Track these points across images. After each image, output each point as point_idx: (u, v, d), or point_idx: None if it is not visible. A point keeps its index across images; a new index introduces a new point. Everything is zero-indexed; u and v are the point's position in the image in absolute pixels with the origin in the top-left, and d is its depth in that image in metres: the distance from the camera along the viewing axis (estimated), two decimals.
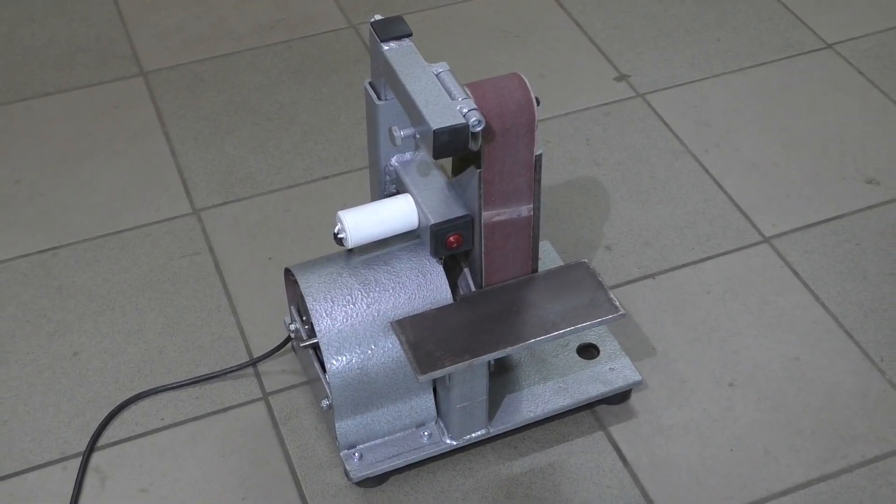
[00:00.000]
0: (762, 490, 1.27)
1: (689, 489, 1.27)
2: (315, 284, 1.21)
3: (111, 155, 1.71)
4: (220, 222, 1.59)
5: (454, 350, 1.15)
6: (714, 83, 1.81)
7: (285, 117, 1.76)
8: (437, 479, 1.28)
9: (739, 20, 1.93)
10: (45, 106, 1.80)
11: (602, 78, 1.83)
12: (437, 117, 1.05)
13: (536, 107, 1.12)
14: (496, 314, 1.19)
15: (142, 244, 1.56)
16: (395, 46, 1.14)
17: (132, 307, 1.48)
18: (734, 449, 1.31)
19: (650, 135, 1.72)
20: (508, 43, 1.90)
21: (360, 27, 1.94)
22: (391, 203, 1.19)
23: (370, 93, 1.19)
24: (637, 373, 1.32)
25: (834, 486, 1.27)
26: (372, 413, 1.23)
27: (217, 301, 1.48)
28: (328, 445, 1.31)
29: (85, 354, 1.42)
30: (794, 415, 1.34)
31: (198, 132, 1.74)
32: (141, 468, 1.30)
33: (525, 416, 1.29)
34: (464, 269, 1.23)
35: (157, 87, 1.83)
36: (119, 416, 1.35)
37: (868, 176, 1.64)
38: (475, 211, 1.15)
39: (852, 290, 1.48)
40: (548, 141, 1.70)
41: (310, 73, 1.84)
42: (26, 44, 1.92)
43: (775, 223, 1.57)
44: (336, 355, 1.19)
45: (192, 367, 1.40)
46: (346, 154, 1.69)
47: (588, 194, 1.62)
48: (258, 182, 1.65)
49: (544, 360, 1.33)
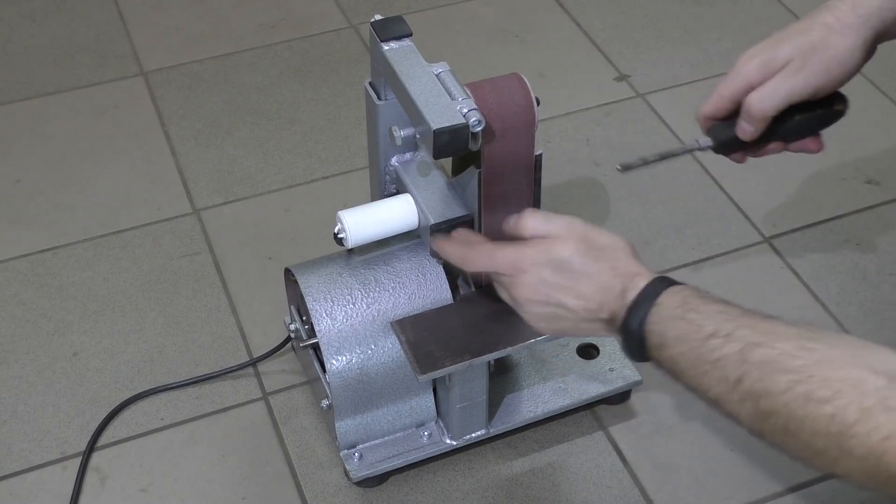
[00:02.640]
0: (762, 490, 1.27)
1: (689, 489, 1.27)
2: (315, 284, 1.21)
3: (111, 155, 1.71)
4: (220, 222, 1.59)
5: (454, 350, 1.15)
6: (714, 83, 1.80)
7: (285, 117, 1.76)
8: (437, 479, 1.28)
9: (739, 20, 1.93)
10: (45, 106, 1.80)
11: (602, 78, 1.83)
12: (437, 117, 1.04)
13: (536, 107, 1.12)
14: (496, 314, 1.19)
15: (142, 244, 1.56)
16: (395, 46, 1.14)
17: (132, 307, 1.48)
18: (734, 449, 1.31)
19: (650, 135, 1.72)
20: (508, 43, 1.90)
21: (360, 27, 1.94)
22: (391, 203, 1.19)
23: (370, 93, 1.19)
24: (637, 373, 1.32)
25: (834, 486, 1.27)
26: (372, 413, 1.23)
27: (217, 301, 1.48)
28: (328, 445, 1.31)
29: (85, 354, 1.42)
30: None
31: (198, 132, 1.74)
32: (141, 468, 1.30)
33: (525, 416, 1.29)
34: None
35: (157, 87, 1.83)
36: (119, 416, 1.35)
37: (868, 176, 1.64)
38: (475, 211, 1.15)
39: (852, 290, 1.48)
40: (548, 141, 1.70)
41: (310, 73, 1.84)
42: (26, 44, 1.92)
43: (775, 223, 1.57)
44: (336, 355, 1.19)
45: (192, 367, 1.40)
46: (346, 154, 1.69)
47: (588, 194, 1.62)
48: (258, 182, 1.65)
49: (544, 360, 1.34)
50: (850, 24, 1.06)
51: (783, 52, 1.08)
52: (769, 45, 1.09)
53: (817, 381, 0.83)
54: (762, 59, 1.09)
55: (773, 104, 1.10)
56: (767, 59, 1.09)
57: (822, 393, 0.82)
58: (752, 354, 0.88)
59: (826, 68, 1.08)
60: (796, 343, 0.87)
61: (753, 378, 0.87)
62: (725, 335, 0.90)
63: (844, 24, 1.07)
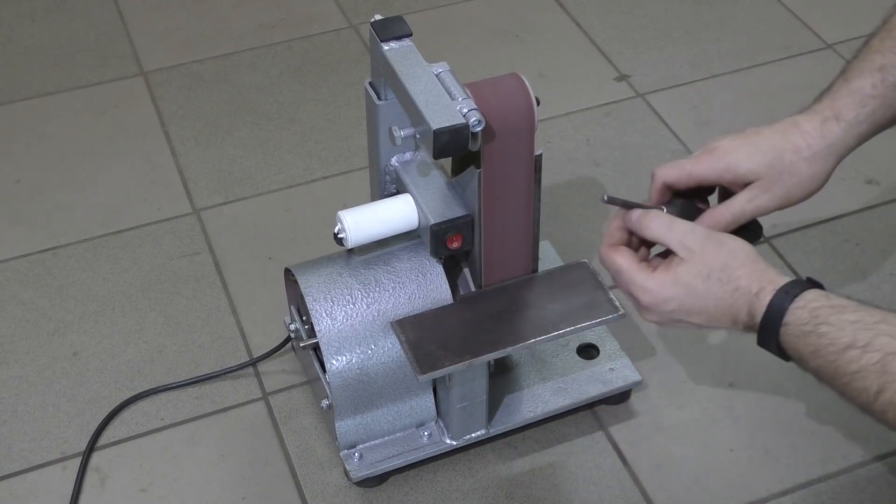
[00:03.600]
0: (762, 490, 1.27)
1: (689, 489, 1.27)
2: (315, 284, 1.21)
3: (111, 155, 1.71)
4: (220, 222, 1.59)
5: (454, 350, 1.15)
6: (714, 83, 1.81)
7: (285, 117, 1.76)
8: (437, 479, 1.28)
9: (739, 20, 1.93)
10: (45, 106, 1.80)
11: (602, 78, 1.83)
12: (437, 117, 1.05)
13: (536, 107, 1.12)
14: (496, 314, 1.19)
15: (142, 244, 1.56)
16: (395, 46, 1.14)
17: (132, 307, 1.48)
18: (734, 449, 1.31)
19: (650, 135, 1.72)
20: (508, 43, 1.90)
21: (360, 27, 1.94)
22: (391, 203, 1.19)
23: (370, 93, 1.19)
24: (637, 373, 1.32)
25: (834, 486, 1.27)
26: (372, 413, 1.23)
27: (217, 301, 1.48)
28: (328, 445, 1.31)
29: (85, 354, 1.42)
30: (794, 415, 1.34)
31: (198, 132, 1.74)
32: (141, 468, 1.30)
33: (525, 416, 1.29)
34: (464, 269, 1.23)
35: (157, 87, 1.83)
36: (119, 416, 1.35)
37: (868, 176, 1.64)
38: (475, 211, 1.15)
39: (852, 290, 1.48)
40: (548, 141, 1.70)
41: (310, 73, 1.84)
42: (26, 44, 1.92)
43: (775, 223, 1.57)
44: (336, 355, 1.19)
45: (192, 367, 1.40)
46: (346, 154, 1.69)
47: (588, 194, 1.62)
48: (258, 182, 1.65)
49: (544, 360, 1.33)
50: (817, 153, 1.09)
51: (754, 165, 1.10)
52: (744, 147, 1.11)
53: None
54: (732, 162, 1.10)
55: (737, 219, 1.12)
56: (735, 165, 1.10)
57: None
58: (893, 364, 0.87)
59: (789, 193, 1.11)
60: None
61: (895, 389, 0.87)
62: (863, 346, 0.90)
63: (813, 151, 1.09)
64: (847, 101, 1.09)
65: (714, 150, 1.11)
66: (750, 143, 1.10)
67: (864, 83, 1.09)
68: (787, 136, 1.09)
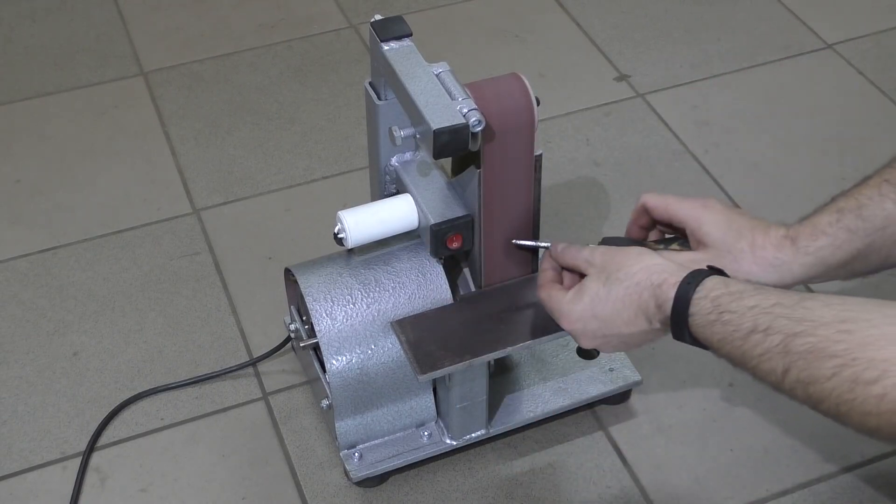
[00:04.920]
0: (762, 490, 1.27)
1: (689, 489, 1.27)
2: (315, 284, 1.21)
3: (111, 155, 1.71)
4: (220, 222, 1.59)
5: (454, 350, 1.15)
6: (714, 83, 1.81)
7: (285, 117, 1.76)
8: (437, 479, 1.28)
9: (739, 20, 1.93)
10: (45, 106, 1.80)
11: (602, 78, 1.83)
12: (437, 117, 1.05)
13: (536, 107, 1.12)
14: (496, 314, 1.19)
15: (142, 244, 1.56)
16: (395, 46, 1.14)
17: (132, 307, 1.48)
18: (734, 449, 1.31)
19: (650, 135, 1.72)
20: (508, 43, 1.90)
21: (360, 27, 1.94)
22: (391, 203, 1.19)
23: (370, 93, 1.19)
24: (637, 373, 1.32)
25: (834, 486, 1.27)
26: (372, 413, 1.23)
27: (217, 301, 1.48)
28: (328, 445, 1.31)
29: (85, 354, 1.42)
30: (794, 415, 1.33)
31: (198, 132, 1.74)
32: (141, 468, 1.30)
33: (525, 416, 1.29)
34: (464, 269, 1.23)
35: (157, 87, 1.83)
36: (119, 416, 1.35)
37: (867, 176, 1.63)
38: (475, 211, 1.15)
39: (852, 291, 1.48)
40: (548, 141, 1.70)
41: (310, 73, 1.84)
42: (26, 44, 1.92)
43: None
44: (336, 355, 1.19)
45: (192, 367, 1.40)
46: (346, 154, 1.69)
47: (588, 194, 1.62)
48: (258, 182, 1.65)
49: (544, 360, 1.34)
50: (765, 259, 1.09)
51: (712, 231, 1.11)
52: (720, 215, 1.12)
53: (863, 364, 0.85)
54: (699, 218, 1.12)
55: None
56: (700, 221, 1.12)
57: (869, 374, 0.84)
58: (794, 344, 0.89)
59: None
60: (836, 327, 0.88)
61: (799, 367, 0.89)
62: (764, 330, 0.92)
63: (762, 255, 1.10)
64: (806, 229, 1.10)
65: (703, 203, 1.14)
66: (726, 215, 1.12)
67: (823, 218, 1.11)
68: (755, 229, 1.11)
